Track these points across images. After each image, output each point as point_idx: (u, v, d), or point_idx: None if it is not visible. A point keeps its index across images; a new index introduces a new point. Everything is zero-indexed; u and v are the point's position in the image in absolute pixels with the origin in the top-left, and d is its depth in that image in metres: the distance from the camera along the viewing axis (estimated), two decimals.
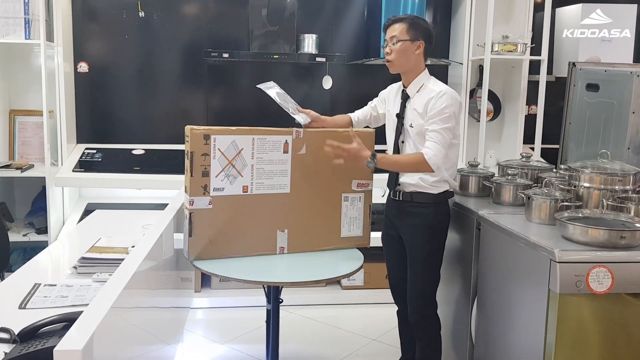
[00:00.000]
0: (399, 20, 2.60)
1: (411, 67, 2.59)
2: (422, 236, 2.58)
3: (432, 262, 2.63)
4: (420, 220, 2.57)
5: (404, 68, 2.60)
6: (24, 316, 1.83)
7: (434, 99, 2.48)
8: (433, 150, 2.45)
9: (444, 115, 2.46)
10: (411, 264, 2.64)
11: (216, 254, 2.47)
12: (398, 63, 2.58)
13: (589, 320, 2.06)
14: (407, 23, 2.56)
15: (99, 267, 2.31)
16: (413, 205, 2.60)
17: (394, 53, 2.57)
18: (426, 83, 2.58)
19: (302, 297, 3.99)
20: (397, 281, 2.78)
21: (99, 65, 4.29)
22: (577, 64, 3.13)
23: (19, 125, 4.16)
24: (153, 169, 4.04)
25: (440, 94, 2.48)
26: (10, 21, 3.73)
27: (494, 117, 4.62)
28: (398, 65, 2.60)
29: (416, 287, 2.64)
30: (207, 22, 4.35)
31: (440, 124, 2.46)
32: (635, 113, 2.70)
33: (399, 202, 2.64)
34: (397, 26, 2.57)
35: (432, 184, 2.55)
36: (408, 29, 2.55)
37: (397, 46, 2.55)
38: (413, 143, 2.57)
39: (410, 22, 2.57)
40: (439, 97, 2.48)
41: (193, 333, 3.59)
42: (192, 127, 2.38)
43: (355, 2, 4.47)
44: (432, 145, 2.46)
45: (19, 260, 3.80)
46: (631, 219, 2.18)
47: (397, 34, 2.56)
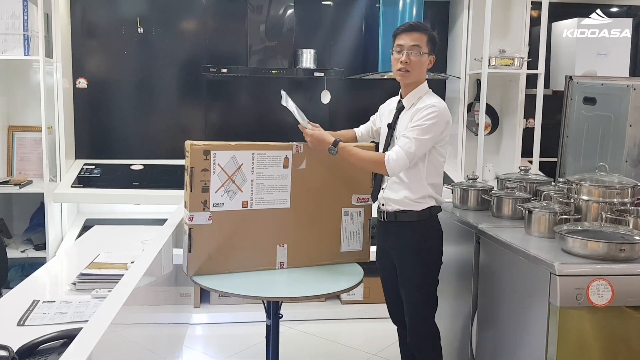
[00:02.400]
0: (421, 28, 2.47)
1: (419, 79, 2.51)
2: (411, 259, 2.50)
3: (426, 283, 2.54)
4: (406, 242, 2.50)
5: (417, 79, 2.50)
6: (22, 333, 1.82)
7: (421, 110, 2.41)
8: (395, 155, 2.37)
9: (422, 126, 2.38)
10: (403, 287, 2.57)
11: (216, 269, 2.46)
12: (414, 73, 2.47)
13: (590, 334, 2.06)
14: (428, 35, 2.46)
15: (98, 283, 2.30)
16: (397, 224, 2.53)
17: (413, 63, 2.45)
18: (423, 96, 2.50)
19: (302, 312, 3.97)
20: (392, 302, 2.72)
21: (97, 81, 4.30)
22: (574, 78, 3.15)
23: (18, 141, 4.16)
24: (152, 185, 4.04)
25: (428, 106, 2.40)
26: (10, 37, 3.75)
27: (492, 131, 4.64)
28: (413, 76, 2.48)
29: (411, 309, 2.57)
30: (205, 37, 4.37)
31: (415, 133, 2.38)
32: (633, 126, 2.71)
33: (384, 222, 2.59)
34: (418, 35, 2.45)
35: (415, 201, 2.48)
36: (428, 41, 2.46)
37: (418, 57, 2.45)
38: None
39: (430, 35, 2.47)
40: (426, 109, 2.40)
41: (192, 349, 3.57)
42: (192, 142, 2.39)
43: (353, 17, 4.50)
44: (396, 150, 2.39)
45: (18, 276, 3.79)
46: (630, 232, 2.18)
47: (420, 44, 2.44)
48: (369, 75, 4.33)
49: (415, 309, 2.56)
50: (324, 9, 4.49)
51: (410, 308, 2.57)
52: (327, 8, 4.50)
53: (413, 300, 2.56)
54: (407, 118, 2.50)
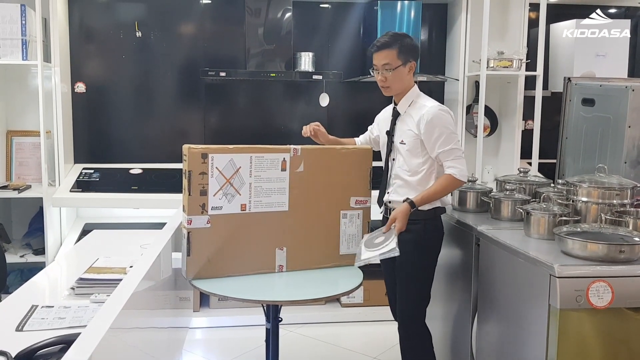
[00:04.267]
0: (386, 45, 2.55)
1: (405, 87, 2.61)
2: (411, 252, 2.54)
3: (421, 278, 2.61)
4: (409, 237, 2.53)
5: (400, 90, 2.61)
6: (21, 338, 1.81)
7: (428, 123, 2.49)
8: (457, 166, 2.49)
9: (443, 135, 2.48)
10: (399, 281, 2.64)
11: (215, 273, 2.46)
12: (395, 87, 2.59)
13: (590, 335, 2.05)
14: (396, 49, 2.54)
15: (96, 287, 2.30)
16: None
17: (389, 80, 2.57)
18: (415, 99, 2.61)
19: (302, 315, 3.97)
20: (394, 298, 2.76)
21: (96, 86, 4.30)
22: (573, 79, 3.15)
23: (16, 146, 4.16)
24: (151, 188, 4.03)
25: (431, 117, 2.49)
26: (8, 42, 3.75)
27: (491, 133, 4.64)
28: (395, 89, 2.61)
29: (403, 303, 2.64)
30: (204, 41, 4.37)
31: (448, 143, 2.49)
32: (632, 127, 2.71)
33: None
34: (386, 53, 2.55)
35: None
36: (398, 54, 2.54)
37: (392, 74, 2.55)
38: (403, 159, 2.59)
39: (399, 47, 2.54)
40: (431, 120, 2.49)
41: (192, 353, 3.56)
42: (189, 146, 2.38)
43: (351, 20, 4.50)
44: (453, 163, 2.49)
45: (16, 281, 3.79)
46: (630, 233, 2.18)
47: (389, 61, 2.54)
48: (367, 78, 4.33)
49: (406, 302, 2.62)
50: (322, 12, 4.49)
51: (402, 302, 2.63)
52: (325, 11, 4.50)
53: (406, 293, 2.61)
54: (407, 123, 2.59)
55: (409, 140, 2.56)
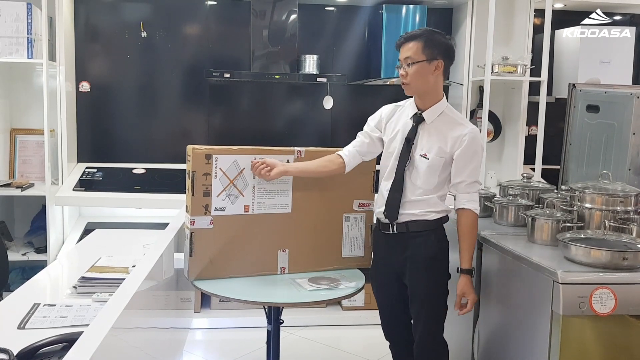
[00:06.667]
0: (412, 37, 2.36)
1: (429, 89, 2.40)
2: (423, 271, 2.39)
3: (438, 294, 2.43)
4: (422, 252, 2.38)
5: (422, 90, 2.40)
6: (22, 337, 1.82)
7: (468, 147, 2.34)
8: (476, 200, 2.40)
9: (478, 166, 2.39)
10: (414, 302, 2.44)
11: (217, 274, 2.46)
12: (415, 85, 2.38)
13: (593, 342, 2.05)
14: (422, 41, 2.34)
15: (99, 287, 2.30)
16: (410, 235, 2.41)
17: (410, 76, 2.35)
18: (446, 112, 2.42)
19: (303, 318, 3.96)
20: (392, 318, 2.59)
21: (100, 85, 4.31)
22: (577, 86, 3.14)
23: (20, 144, 4.16)
24: (154, 188, 4.03)
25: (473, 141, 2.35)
26: (13, 41, 3.75)
27: (495, 138, 4.63)
28: (415, 88, 2.39)
29: (421, 326, 2.44)
30: (208, 42, 4.38)
31: (476, 175, 2.39)
32: (636, 134, 2.70)
33: (392, 235, 2.45)
34: (410, 45, 2.34)
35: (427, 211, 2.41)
36: (424, 48, 2.33)
37: (413, 68, 2.34)
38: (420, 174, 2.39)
39: (425, 40, 2.34)
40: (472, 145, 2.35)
41: (192, 354, 3.56)
42: (194, 146, 2.39)
43: (356, 23, 4.50)
44: (473, 197, 2.39)
45: (18, 279, 3.79)
46: (633, 240, 2.17)
47: (411, 54, 2.34)
48: (372, 81, 4.33)
49: (425, 324, 2.43)
50: (327, 15, 4.49)
51: (420, 324, 2.44)
52: (330, 14, 4.50)
53: (424, 315, 2.43)
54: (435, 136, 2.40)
55: (433, 156, 2.36)
